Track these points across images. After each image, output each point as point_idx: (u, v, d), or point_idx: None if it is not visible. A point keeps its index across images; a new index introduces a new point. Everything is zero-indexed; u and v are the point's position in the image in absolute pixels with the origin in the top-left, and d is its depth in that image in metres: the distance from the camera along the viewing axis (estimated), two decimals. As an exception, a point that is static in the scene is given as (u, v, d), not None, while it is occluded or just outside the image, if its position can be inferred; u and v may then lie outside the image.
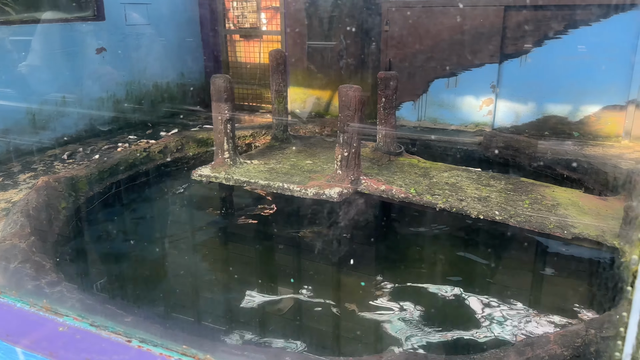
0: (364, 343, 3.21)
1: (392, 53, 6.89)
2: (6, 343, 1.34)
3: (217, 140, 4.51)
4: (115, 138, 6.64)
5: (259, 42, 8.28)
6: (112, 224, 4.74)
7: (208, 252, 4.40)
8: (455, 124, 6.80)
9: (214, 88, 4.31)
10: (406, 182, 4.23)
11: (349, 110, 3.96)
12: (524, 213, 3.65)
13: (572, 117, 6.30)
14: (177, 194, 5.47)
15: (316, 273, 4.04)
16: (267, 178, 4.31)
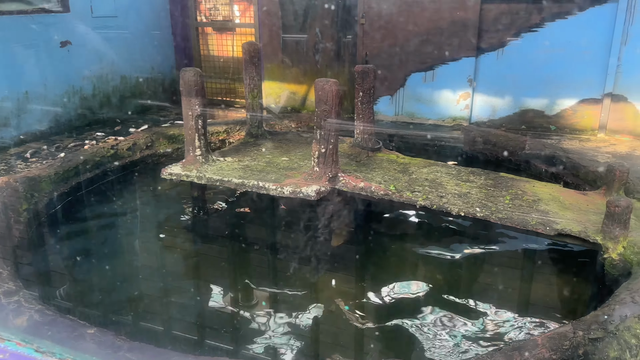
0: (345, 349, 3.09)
1: (368, 46, 6.76)
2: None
3: (188, 136, 4.31)
4: (82, 135, 6.36)
5: (232, 35, 8.06)
6: (77, 226, 4.50)
7: (176, 256, 4.20)
8: (433, 118, 6.72)
9: (183, 82, 4.11)
10: (385, 178, 4.11)
11: (326, 105, 3.82)
12: (505, 209, 3.57)
13: (548, 111, 6.27)
14: (147, 193, 5.25)
15: (293, 277, 3.90)
16: (241, 176, 4.14)
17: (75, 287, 3.67)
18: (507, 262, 4.01)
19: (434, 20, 6.37)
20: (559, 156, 4.87)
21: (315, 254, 4.10)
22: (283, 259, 4.10)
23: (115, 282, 3.75)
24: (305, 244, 4.24)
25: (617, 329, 2.33)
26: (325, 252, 4.11)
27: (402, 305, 3.42)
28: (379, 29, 6.64)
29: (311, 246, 4.21)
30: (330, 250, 4.13)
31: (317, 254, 4.10)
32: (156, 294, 3.67)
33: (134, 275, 3.87)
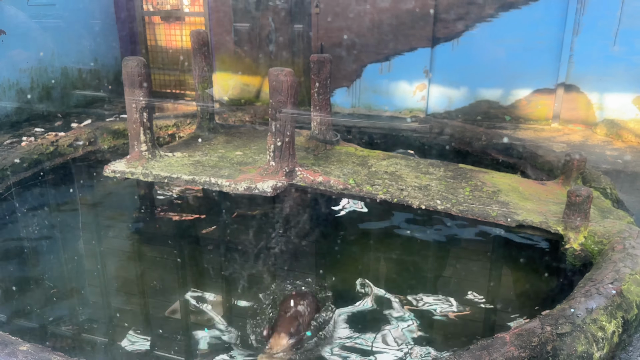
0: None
1: (323, 37, 6.59)
2: None
3: (132, 131, 4.03)
4: (20, 131, 5.93)
5: (180, 25, 7.72)
6: (10, 230, 4.15)
7: (119, 260, 3.92)
8: (390, 109, 6.64)
9: (126, 72, 3.83)
10: (344, 172, 3.97)
11: (281, 96, 3.63)
12: (465, 201, 3.49)
13: (503, 101, 6.29)
14: (89, 193, 4.91)
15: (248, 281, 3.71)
16: (191, 172, 3.91)
17: (4, 298, 3.35)
18: (467, 255, 3.96)
19: (390, 10, 6.26)
20: (516, 146, 4.87)
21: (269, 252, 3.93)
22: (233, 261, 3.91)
23: (49, 291, 3.45)
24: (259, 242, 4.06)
25: (584, 322, 2.27)
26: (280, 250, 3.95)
27: (364, 305, 3.30)
28: (334, 19, 6.48)
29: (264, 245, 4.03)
30: (285, 248, 3.97)
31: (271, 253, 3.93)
32: (96, 302, 3.39)
33: (70, 283, 3.58)
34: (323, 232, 4.26)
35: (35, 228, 4.28)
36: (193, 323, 3.13)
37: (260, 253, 3.92)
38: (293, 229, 4.19)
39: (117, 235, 4.24)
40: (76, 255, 3.93)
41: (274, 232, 4.11)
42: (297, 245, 4.02)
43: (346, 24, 6.45)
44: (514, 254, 3.84)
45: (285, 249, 3.97)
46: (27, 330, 2.92)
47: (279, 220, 4.05)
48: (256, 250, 3.95)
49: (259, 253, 3.92)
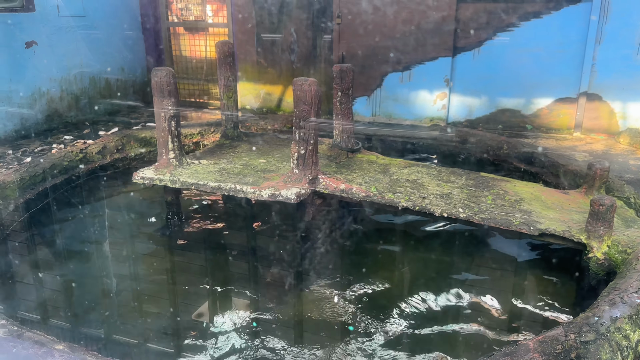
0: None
1: (344, 46, 6.68)
2: None
3: (161, 139, 4.15)
4: (50, 139, 6.11)
5: (204, 35, 7.88)
6: (44, 234, 4.29)
7: (149, 264, 4.03)
8: (410, 118, 6.68)
9: (155, 82, 3.95)
10: (366, 180, 4.02)
11: (305, 105, 3.71)
12: (488, 210, 3.52)
13: (525, 110, 6.29)
14: (117, 199, 5.05)
15: (271, 284, 3.77)
16: (217, 179, 4.00)
17: (42, 299, 3.48)
18: (490, 263, 3.96)
19: (410, 20, 6.33)
20: (538, 155, 4.87)
21: (294, 258, 4.00)
22: (261, 265, 3.98)
23: (84, 293, 3.57)
24: (282, 248, 4.13)
25: (609, 331, 2.28)
26: (304, 256, 4.01)
27: (390, 308, 3.34)
28: (355, 29, 6.57)
29: (289, 250, 4.10)
30: (309, 254, 4.03)
31: (297, 259, 3.99)
32: (129, 304, 3.49)
33: (104, 285, 3.69)
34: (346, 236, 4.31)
35: (65, 233, 4.41)
36: (219, 326, 3.21)
37: (287, 258, 3.99)
38: (320, 234, 4.25)
39: (144, 240, 4.35)
40: (105, 259, 4.04)
41: (300, 238, 4.17)
42: (325, 249, 4.08)
43: (367, 34, 6.53)
44: (537, 261, 3.84)
45: (312, 254, 4.03)
46: (60, 331, 3.03)
47: (304, 226, 4.11)
48: (283, 255, 4.03)
49: (286, 258, 3.99)
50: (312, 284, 3.64)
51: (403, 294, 3.51)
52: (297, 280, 3.77)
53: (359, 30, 6.56)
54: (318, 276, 3.74)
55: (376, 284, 3.62)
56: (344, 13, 6.56)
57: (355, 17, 6.52)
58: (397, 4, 6.30)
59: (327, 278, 3.71)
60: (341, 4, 6.54)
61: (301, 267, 3.91)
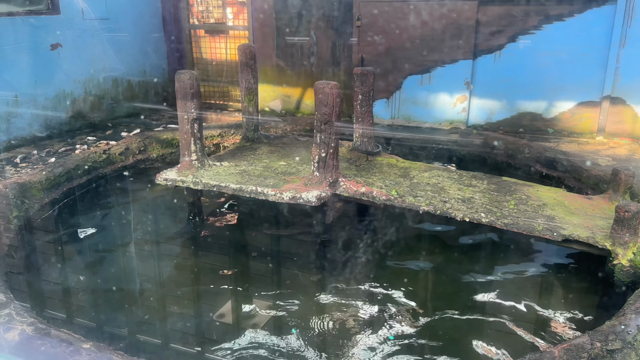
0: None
1: (364, 49, 6.69)
2: None
3: (184, 141, 4.20)
4: (73, 139, 6.22)
5: (225, 38, 7.95)
6: (69, 233, 4.37)
7: (172, 264, 4.08)
8: (429, 121, 6.66)
9: (179, 85, 4.00)
10: (386, 183, 4.02)
11: (326, 108, 3.72)
12: (510, 215, 3.50)
13: (546, 114, 6.23)
14: (140, 199, 5.11)
15: (292, 282, 3.79)
16: (238, 181, 4.04)
17: (68, 298, 3.54)
18: (513, 269, 3.93)
19: (430, 23, 6.31)
20: (560, 159, 4.82)
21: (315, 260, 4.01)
22: (281, 266, 4.00)
23: (109, 292, 3.62)
24: (303, 250, 4.15)
25: (635, 340, 2.25)
26: (325, 258, 4.02)
27: (413, 315, 3.33)
28: (375, 32, 6.57)
29: (310, 252, 4.11)
30: (330, 256, 4.04)
31: (317, 261, 4.00)
32: (153, 304, 3.54)
33: (128, 285, 3.75)
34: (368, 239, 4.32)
35: (89, 232, 4.49)
36: (240, 327, 3.23)
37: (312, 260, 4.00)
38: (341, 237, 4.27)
39: (166, 240, 4.40)
40: (127, 258, 4.10)
41: (320, 241, 4.19)
42: (345, 252, 4.09)
43: (387, 37, 6.52)
44: (560, 268, 3.81)
45: (332, 257, 4.04)
46: (84, 330, 3.08)
47: (325, 228, 4.12)
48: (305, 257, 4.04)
49: (308, 260, 4.01)
50: (333, 287, 3.65)
51: (427, 298, 3.50)
52: (319, 282, 3.79)
53: (378, 32, 6.56)
54: (340, 279, 3.75)
55: (398, 289, 3.61)
56: (364, 15, 6.56)
57: (375, 19, 6.52)
58: (417, 6, 6.29)
59: (348, 282, 3.72)
60: (361, 7, 6.54)
61: (323, 270, 3.92)
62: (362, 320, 3.26)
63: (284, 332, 3.15)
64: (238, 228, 4.60)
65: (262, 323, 3.25)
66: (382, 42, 6.58)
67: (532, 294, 3.57)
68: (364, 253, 4.12)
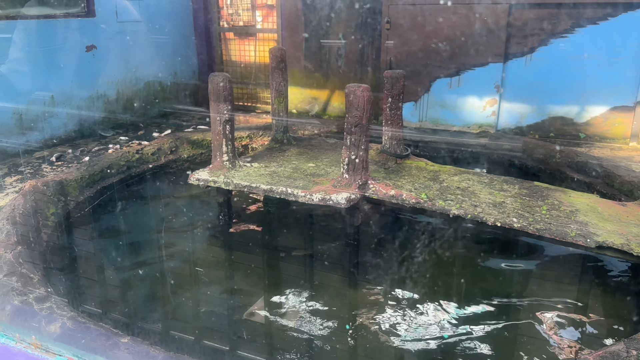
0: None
1: (393, 52, 6.69)
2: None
3: (216, 142, 4.27)
4: (106, 139, 6.37)
5: (253, 40, 8.04)
6: (104, 230, 4.48)
7: (208, 262, 4.15)
8: (458, 124, 6.62)
9: (212, 87, 4.07)
10: (416, 186, 4.03)
11: (357, 111, 3.75)
12: (543, 220, 3.46)
13: (578, 118, 6.14)
14: (172, 198, 5.22)
15: (321, 284, 3.82)
16: (269, 182, 4.09)
17: (103, 293, 3.64)
18: (546, 276, 3.89)
19: (461, 25, 6.28)
20: (592, 165, 4.75)
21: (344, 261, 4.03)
22: (310, 265, 4.04)
23: (144, 288, 3.71)
24: (334, 251, 4.17)
25: (673, 349, 2.22)
26: (356, 260, 4.04)
27: (447, 318, 3.33)
28: (404, 34, 6.56)
29: (341, 253, 4.14)
30: (361, 257, 4.06)
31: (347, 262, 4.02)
32: (188, 302, 3.61)
33: (163, 281, 3.83)
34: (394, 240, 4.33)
35: (121, 230, 4.60)
36: (270, 326, 3.28)
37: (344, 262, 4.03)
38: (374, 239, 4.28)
39: (197, 238, 4.48)
40: (159, 256, 4.19)
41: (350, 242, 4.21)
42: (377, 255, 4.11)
43: (416, 39, 6.51)
44: (594, 275, 3.75)
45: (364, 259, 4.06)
46: (120, 324, 3.16)
47: (353, 229, 4.14)
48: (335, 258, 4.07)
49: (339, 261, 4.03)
50: (365, 286, 3.67)
51: (459, 303, 3.49)
52: (350, 282, 3.81)
53: (407, 35, 6.55)
54: (372, 280, 3.77)
55: (428, 289, 3.62)
56: (393, 18, 6.57)
57: (404, 22, 6.52)
58: (447, 8, 6.27)
59: (381, 283, 3.73)
60: (390, 9, 6.55)
61: (354, 271, 3.94)
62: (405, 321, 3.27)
63: (315, 331, 3.19)
64: (266, 228, 4.66)
65: (292, 322, 3.28)
66: (411, 44, 6.58)
67: (567, 300, 3.53)
68: (396, 254, 4.13)
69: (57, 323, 2.53)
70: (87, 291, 3.62)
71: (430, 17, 6.38)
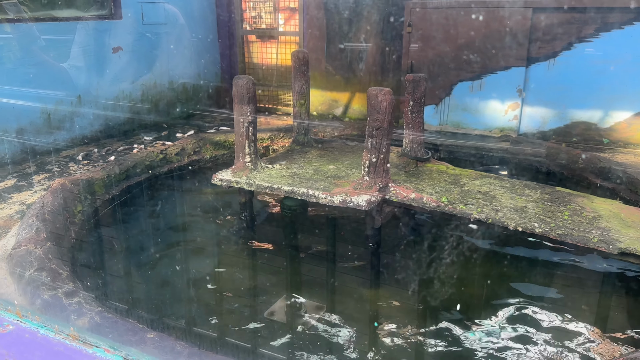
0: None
1: (414, 55, 6.70)
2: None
3: (239, 143, 4.34)
4: (131, 139, 6.50)
5: (275, 43, 8.12)
6: (130, 228, 4.58)
7: (231, 261, 4.22)
8: (479, 128, 6.60)
9: (236, 89, 4.14)
10: (436, 190, 4.04)
11: (379, 114, 3.78)
12: (564, 225, 3.45)
13: (601, 124, 6.07)
14: (195, 197, 5.31)
15: (340, 284, 3.86)
16: (290, 184, 4.14)
17: (129, 289, 3.73)
18: (568, 282, 3.87)
19: (483, 29, 6.26)
20: (616, 171, 4.71)
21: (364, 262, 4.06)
22: (330, 267, 4.08)
23: (168, 285, 3.79)
24: (351, 252, 4.21)
25: (696, 357, 2.21)
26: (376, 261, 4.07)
27: (460, 318, 3.34)
28: (425, 37, 6.57)
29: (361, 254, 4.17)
30: (381, 259, 4.09)
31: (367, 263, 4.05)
32: (212, 299, 3.69)
33: (187, 279, 3.91)
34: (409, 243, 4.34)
35: (145, 228, 4.69)
36: (291, 325, 3.33)
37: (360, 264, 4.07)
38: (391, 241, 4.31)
39: (219, 238, 4.56)
40: (181, 254, 4.27)
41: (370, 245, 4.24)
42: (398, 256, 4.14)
43: (437, 43, 6.51)
44: (617, 282, 3.73)
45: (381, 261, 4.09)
46: (145, 321, 3.24)
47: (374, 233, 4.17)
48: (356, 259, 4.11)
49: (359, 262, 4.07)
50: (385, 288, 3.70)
51: (479, 309, 3.50)
52: (370, 284, 3.84)
53: (429, 38, 6.56)
54: (393, 282, 3.80)
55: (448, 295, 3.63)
56: (414, 21, 6.58)
57: (425, 25, 6.53)
58: (469, 12, 6.26)
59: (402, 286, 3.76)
60: (412, 13, 6.56)
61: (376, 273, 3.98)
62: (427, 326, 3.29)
63: (334, 331, 3.22)
64: (288, 229, 4.71)
65: (312, 322, 3.33)
66: (432, 48, 6.58)
67: (587, 307, 3.51)
68: (416, 257, 4.15)
69: (85, 317, 2.61)
70: (113, 287, 3.71)
71: (452, 20, 6.38)
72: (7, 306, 1.40)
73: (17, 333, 1.28)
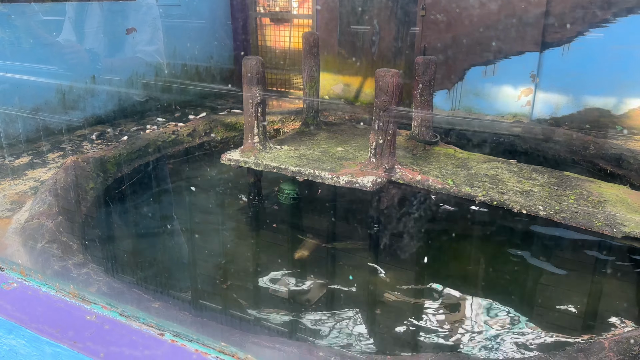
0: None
1: (427, 38, 6.65)
2: (30, 331, 1.23)
3: (247, 124, 4.38)
4: (144, 120, 6.58)
5: (289, 26, 8.11)
6: (140, 206, 4.67)
7: (237, 239, 4.30)
8: (492, 114, 6.55)
9: (245, 69, 4.17)
10: (443, 172, 4.05)
11: (386, 96, 3.79)
12: (569, 209, 3.45)
13: (615, 110, 5.99)
14: (205, 177, 5.38)
15: (346, 263, 3.91)
16: (297, 164, 4.18)
17: (137, 262, 3.82)
18: (565, 264, 3.87)
19: (497, 13, 6.19)
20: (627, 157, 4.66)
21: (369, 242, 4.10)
22: (336, 249, 4.13)
23: (174, 260, 3.87)
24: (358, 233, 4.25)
25: (692, 338, 2.21)
26: (381, 242, 4.11)
27: (457, 301, 3.38)
28: (439, 21, 6.52)
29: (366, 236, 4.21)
30: (386, 241, 4.12)
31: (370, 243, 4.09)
32: (216, 274, 3.76)
33: (194, 255, 3.99)
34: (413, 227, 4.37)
35: (160, 204, 4.78)
36: (294, 302, 3.39)
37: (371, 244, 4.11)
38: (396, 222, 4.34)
39: (227, 217, 4.63)
40: (189, 231, 4.36)
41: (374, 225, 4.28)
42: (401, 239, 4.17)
43: (451, 27, 6.46)
44: (616, 263, 3.72)
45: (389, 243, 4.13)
46: (152, 292, 3.32)
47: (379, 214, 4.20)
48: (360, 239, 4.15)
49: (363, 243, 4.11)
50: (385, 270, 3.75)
51: (475, 290, 3.53)
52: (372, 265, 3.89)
53: (443, 22, 6.50)
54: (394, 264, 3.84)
55: (447, 279, 3.66)
56: (428, 5, 6.53)
57: (439, 9, 6.47)
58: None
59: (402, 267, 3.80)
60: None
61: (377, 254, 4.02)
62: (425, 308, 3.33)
63: (337, 308, 3.28)
64: (295, 210, 4.76)
65: (315, 299, 3.39)
66: (446, 32, 6.53)
67: (584, 287, 3.52)
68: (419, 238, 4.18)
69: (93, 287, 2.70)
70: (121, 260, 3.81)
71: (466, 4, 6.31)
72: (12, 265, 1.47)
73: (21, 290, 1.35)
